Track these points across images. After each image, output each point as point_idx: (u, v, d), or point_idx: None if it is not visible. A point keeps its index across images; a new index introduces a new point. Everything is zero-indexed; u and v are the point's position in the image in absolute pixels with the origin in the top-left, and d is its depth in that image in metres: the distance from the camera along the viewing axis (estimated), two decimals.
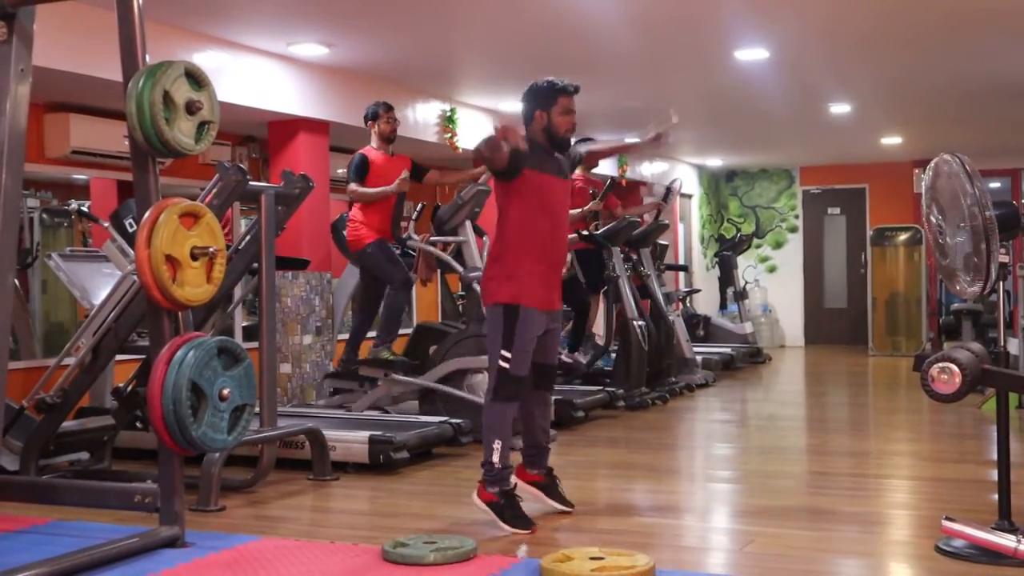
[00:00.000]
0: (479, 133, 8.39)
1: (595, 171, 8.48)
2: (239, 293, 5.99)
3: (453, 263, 6.62)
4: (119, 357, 5.55)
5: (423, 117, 8.18)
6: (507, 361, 4.09)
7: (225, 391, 3.60)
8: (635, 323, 7.79)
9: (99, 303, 4.87)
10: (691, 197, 13.70)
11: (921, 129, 10.98)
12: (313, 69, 7.09)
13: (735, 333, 11.71)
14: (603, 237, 7.83)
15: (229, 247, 5.04)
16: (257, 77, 6.65)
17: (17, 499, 4.23)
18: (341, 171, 6.59)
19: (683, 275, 13.06)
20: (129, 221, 5.23)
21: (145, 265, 3.53)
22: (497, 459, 4.08)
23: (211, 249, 3.68)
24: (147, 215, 3.58)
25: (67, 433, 5.14)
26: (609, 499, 4.93)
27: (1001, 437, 3.67)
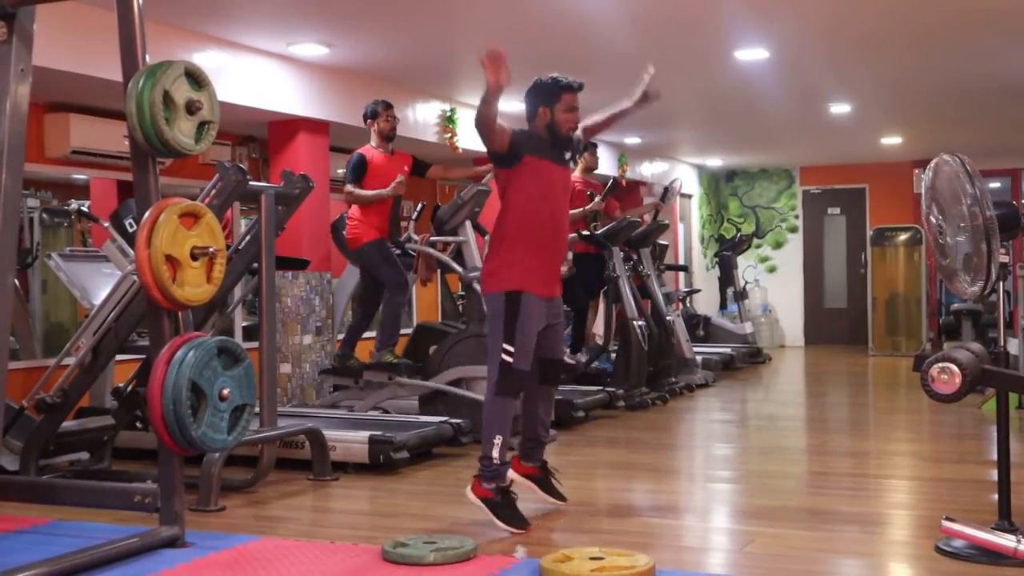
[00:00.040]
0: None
1: (595, 172, 8.46)
2: (239, 293, 5.99)
3: (452, 264, 6.62)
4: (119, 357, 5.55)
5: (423, 117, 8.18)
6: (509, 355, 4.07)
7: (225, 391, 3.60)
8: (635, 323, 7.79)
9: (99, 303, 4.87)
10: (691, 197, 13.70)
11: (921, 129, 10.98)
12: (313, 69, 7.09)
13: (735, 333, 11.70)
14: (603, 237, 7.83)
15: (229, 247, 5.04)
16: (257, 77, 6.66)
17: (17, 499, 4.23)
18: (341, 171, 6.59)
19: (683, 275, 13.05)
20: (129, 221, 5.23)
21: (145, 265, 3.53)
22: (496, 454, 4.07)
23: (211, 249, 3.68)
24: (147, 215, 3.58)
25: (67, 433, 5.14)
26: (609, 499, 4.93)
27: (1001, 437, 3.67)
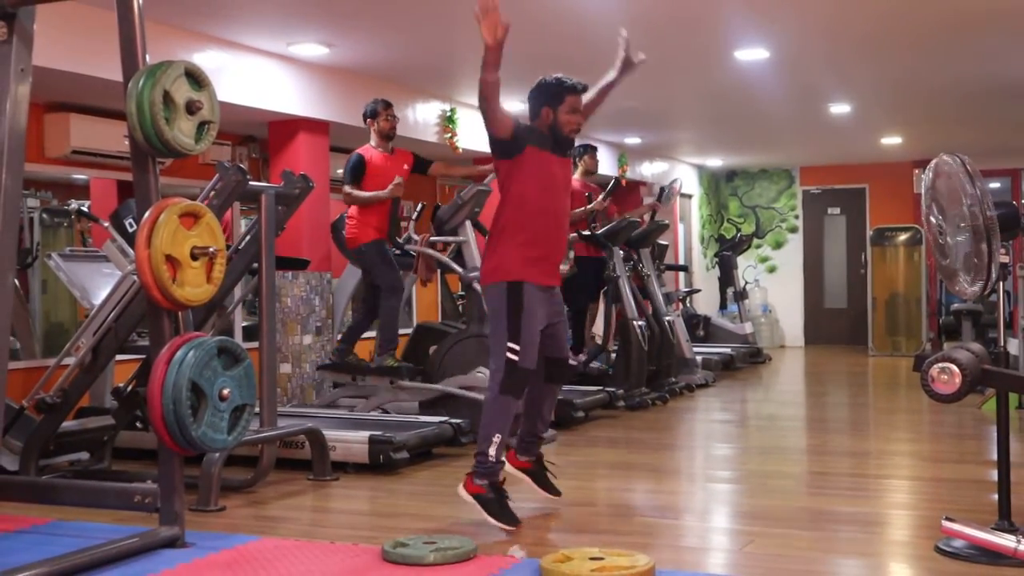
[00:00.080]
0: (479, 133, 8.42)
1: (595, 175, 8.46)
2: (239, 293, 5.99)
3: (452, 264, 6.62)
4: (119, 357, 5.55)
5: (423, 117, 8.18)
6: (516, 354, 4.06)
7: (225, 391, 3.60)
8: (635, 323, 7.79)
9: (99, 303, 4.87)
10: (691, 197, 13.70)
11: (921, 129, 10.98)
12: (313, 69, 7.09)
13: (735, 333, 11.70)
14: (603, 237, 7.82)
15: (229, 247, 5.04)
16: (257, 77, 6.66)
17: (17, 499, 4.23)
18: (341, 171, 6.60)
19: (683, 275, 13.05)
20: (129, 221, 5.22)
21: (145, 265, 3.53)
22: (493, 452, 4.07)
23: (211, 249, 3.68)
24: (147, 215, 3.58)
25: (67, 433, 5.14)
26: (609, 499, 4.93)
27: (1001, 437, 3.67)
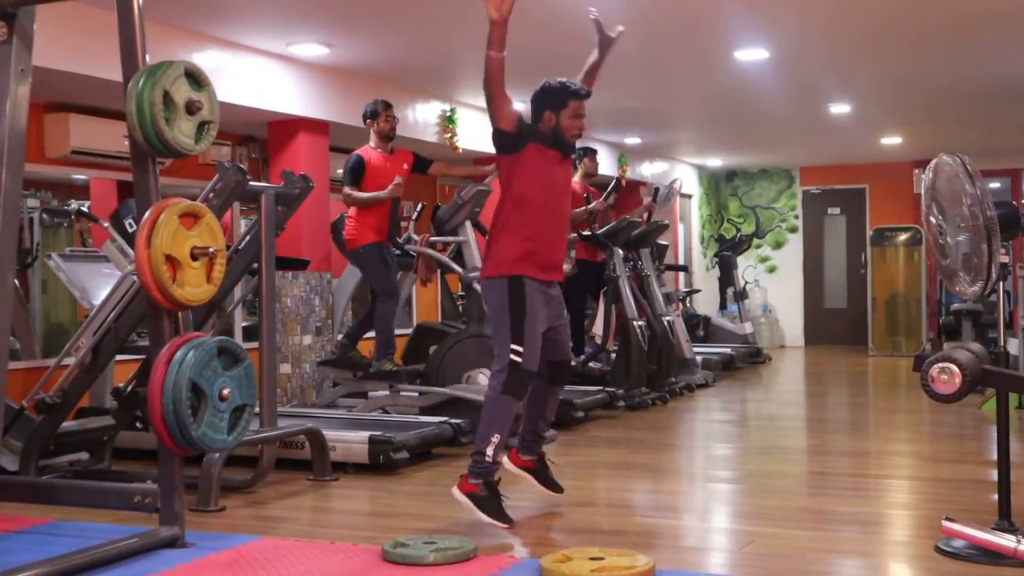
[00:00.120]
0: (479, 133, 8.42)
1: (595, 176, 8.46)
2: (239, 293, 5.99)
3: (452, 264, 6.62)
4: (119, 357, 5.55)
5: (423, 117, 8.18)
6: (519, 355, 4.06)
7: (225, 391, 3.60)
8: (635, 323, 7.79)
9: (99, 303, 4.87)
10: (691, 197, 13.70)
11: (921, 129, 10.98)
12: (313, 69, 7.09)
13: (735, 333, 11.70)
14: (603, 237, 7.82)
15: (229, 247, 5.04)
16: (257, 77, 6.66)
17: (17, 499, 4.23)
18: (341, 171, 6.60)
19: (683, 275, 13.05)
20: (129, 221, 5.23)
21: (145, 265, 3.53)
22: (491, 452, 4.06)
23: (211, 249, 3.68)
24: (147, 215, 3.57)
25: (67, 433, 5.14)
26: (609, 499, 4.93)
27: (1001, 437, 3.66)
